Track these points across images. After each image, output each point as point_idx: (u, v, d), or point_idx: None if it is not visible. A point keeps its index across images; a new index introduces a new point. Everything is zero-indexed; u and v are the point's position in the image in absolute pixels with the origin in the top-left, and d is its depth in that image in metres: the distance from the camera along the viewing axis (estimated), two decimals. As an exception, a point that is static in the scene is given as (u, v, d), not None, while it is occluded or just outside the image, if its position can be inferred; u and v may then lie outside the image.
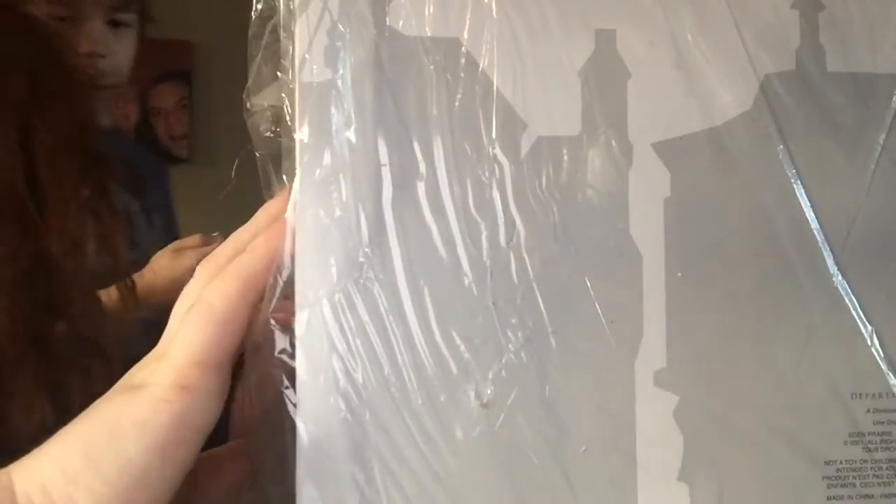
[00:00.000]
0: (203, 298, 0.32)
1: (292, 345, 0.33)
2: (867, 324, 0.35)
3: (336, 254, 0.33)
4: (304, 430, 0.33)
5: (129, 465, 0.30)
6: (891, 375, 0.35)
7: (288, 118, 0.34)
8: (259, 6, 0.35)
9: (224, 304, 0.32)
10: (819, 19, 0.36)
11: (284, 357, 0.33)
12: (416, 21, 0.34)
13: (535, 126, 0.34)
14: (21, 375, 0.44)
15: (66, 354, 0.47)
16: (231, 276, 0.33)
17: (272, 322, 0.33)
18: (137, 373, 0.32)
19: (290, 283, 0.33)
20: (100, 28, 1.16)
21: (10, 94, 0.47)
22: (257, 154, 0.35)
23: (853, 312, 0.35)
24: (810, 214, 0.35)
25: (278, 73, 0.35)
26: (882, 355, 0.35)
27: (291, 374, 0.33)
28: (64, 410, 0.39)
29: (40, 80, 0.48)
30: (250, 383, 0.34)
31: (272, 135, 0.35)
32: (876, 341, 0.35)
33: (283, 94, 0.34)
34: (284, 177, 0.34)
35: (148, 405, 0.30)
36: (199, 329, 0.32)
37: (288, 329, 0.33)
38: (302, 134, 0.33)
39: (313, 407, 0.33)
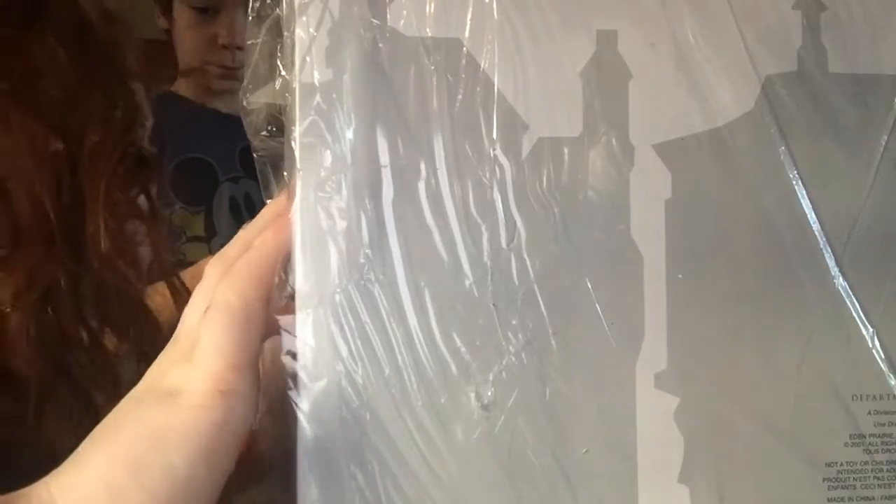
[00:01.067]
0: (219, 298, 0.32)
1: None
2: (868, 325, 0.35)
3: (337, 255, 0.33)
4: (305, 431, 0.32)
5: (175, 475, 0.29)
6: (892, 377, 0.35)
7: (288, 119, 0.34)
8: (256, 5, 0.35)
9: (241, 301, 0.32)
10: (821, 20, 0.36)
11: (289, 358, 0.33)
12: (417, 21, 0.34)
13: (537, 127, 0.34)
14: (53, 399, 0.42)
15: (112, 369, 0.45)
16: (243, 273, 0.32)
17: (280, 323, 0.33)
18: (164, 377, 0.31)
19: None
20: (241, 20, 1.18)
21: (44, 96, 0.44)
22: (255, 155, 0.35)
23: (854, 314, 0.35)
24: (812, 216, 0.35)
25: (279, 71, 0.34)
26: (883, 357, 0.35)
27: (295, 376, 0.33)
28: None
29: (76, 80, 0.45)
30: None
31: (268, 134, 0.35)
32: (877, 343, 0.35)
33: (287, 94, 0.34)
34: (285, 175, 0.34)
35: (189, 413, 0.30)
36: (226, 331, 0.31)
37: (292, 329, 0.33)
38: (302, 135, 0.33)
39: (314, 408, 0.33)
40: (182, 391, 0.30)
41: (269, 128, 0.35)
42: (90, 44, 0.47)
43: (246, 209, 1.20)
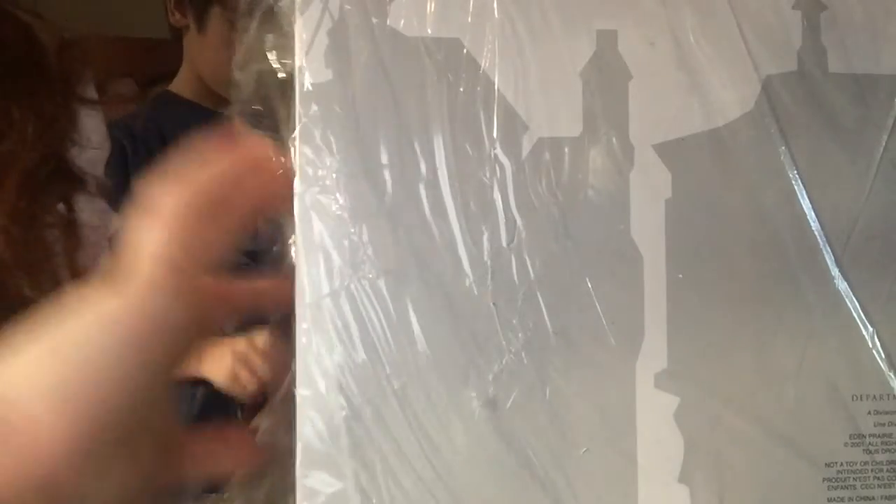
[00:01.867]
0: (148, 204, 0.30)
1: None
2: (868, 325, 0.35)
3: (337, 254, 0.33)
4: (305, 430, 0.33)
5: (100, 355, 0.28)
6: (892, 377, 0.35)
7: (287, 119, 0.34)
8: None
9: (171, 203, 0.30)
10: (821, 20, 0.36)
11: (290, 357, 0.33)
12: (418, 21, 0.34)
13: (537, 127, 0.34)
14: None
15: None
16: (175, 181, 0.30)
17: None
18: (92, 287, 0.29)
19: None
20: None
21: None
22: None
23: (854, 314, 0.35)
24: (811, 215, 0.35)
25: (278, 73, 0.34)
26: (883, 356, 0.35)
27: (296, 375, 0.33)
28: None
29: (7, 91, 0.46)
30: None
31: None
32: (877, 342, 0.35)
33: (286, 95, 0.34)
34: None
35: (117, 303, 0.28)
36: (151, 229, 0.30)
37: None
38: (302, 135, 0.33)
39: (314, 407, 0.33)
40: (111, 289, 0.29)
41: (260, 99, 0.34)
42: (24, 63, 0.48)
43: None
